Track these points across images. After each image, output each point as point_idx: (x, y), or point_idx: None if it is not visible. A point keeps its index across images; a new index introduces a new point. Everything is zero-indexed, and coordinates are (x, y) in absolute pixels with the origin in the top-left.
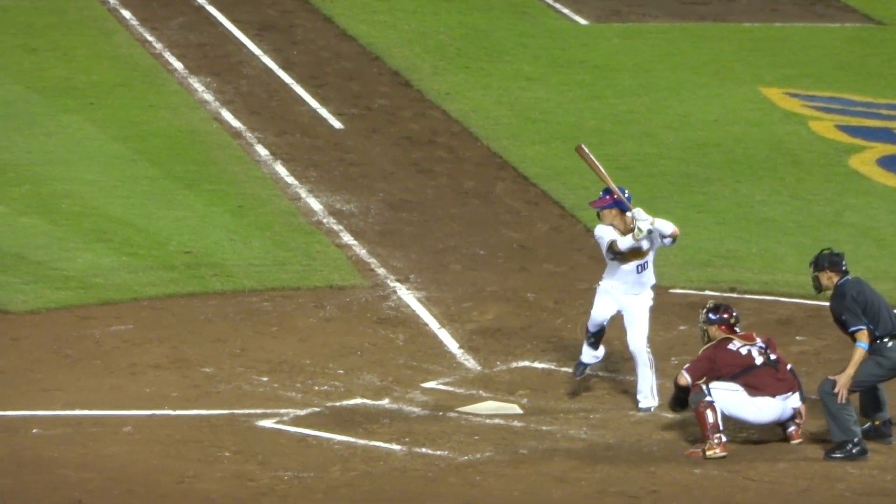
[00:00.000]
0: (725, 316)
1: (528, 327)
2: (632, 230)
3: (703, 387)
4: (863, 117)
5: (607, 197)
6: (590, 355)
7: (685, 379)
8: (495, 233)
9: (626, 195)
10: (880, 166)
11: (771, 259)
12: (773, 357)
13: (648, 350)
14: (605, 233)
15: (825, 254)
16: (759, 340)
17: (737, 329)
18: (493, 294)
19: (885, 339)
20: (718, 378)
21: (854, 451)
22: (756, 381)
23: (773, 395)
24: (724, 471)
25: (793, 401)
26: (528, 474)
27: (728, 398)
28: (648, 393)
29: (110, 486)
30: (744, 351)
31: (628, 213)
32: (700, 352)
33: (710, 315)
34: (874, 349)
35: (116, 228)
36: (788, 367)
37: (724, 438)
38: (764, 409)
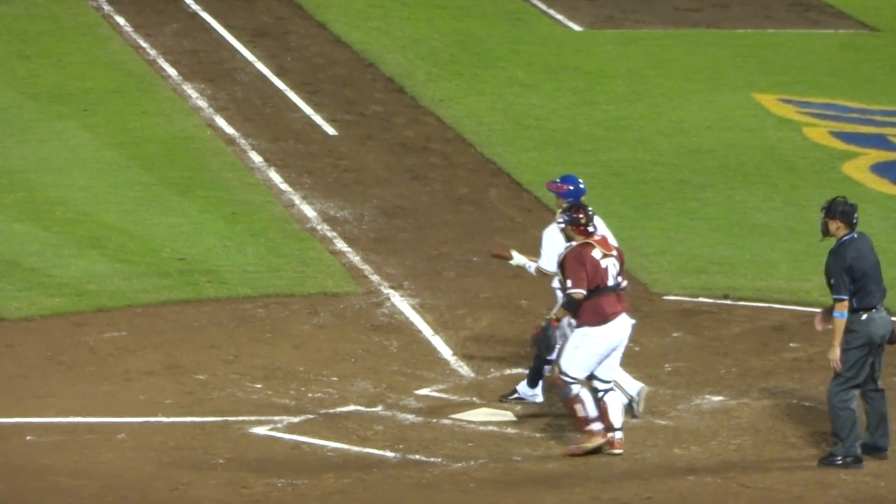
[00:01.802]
0: (577, 216)
1: (522, 334)
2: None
3: (564, 379)
4: (857, 124)
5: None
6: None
7: (581, 294)
8: (489, 239)
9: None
10: (874, 173)
11: (765, 265)
12: (623, 284)
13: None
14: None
15: (839, 201)
16: (614, 251)
17: (591, 229)
18: (486, 301)
19: (860, 312)
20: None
21: (848, 459)
22: (603, 304)
23: (615, 318)
24: (718, 477)
25: (629, 320)
26: (521, 481)
27: (581, 362)
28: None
29: (104, 492)
30: (603, 265)
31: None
32: (565, 259)
33: (564, 216)
34: (852, 319)
35: (110, 235)
36: (624, 283)
37: (599, 426)
38: (612, 336)
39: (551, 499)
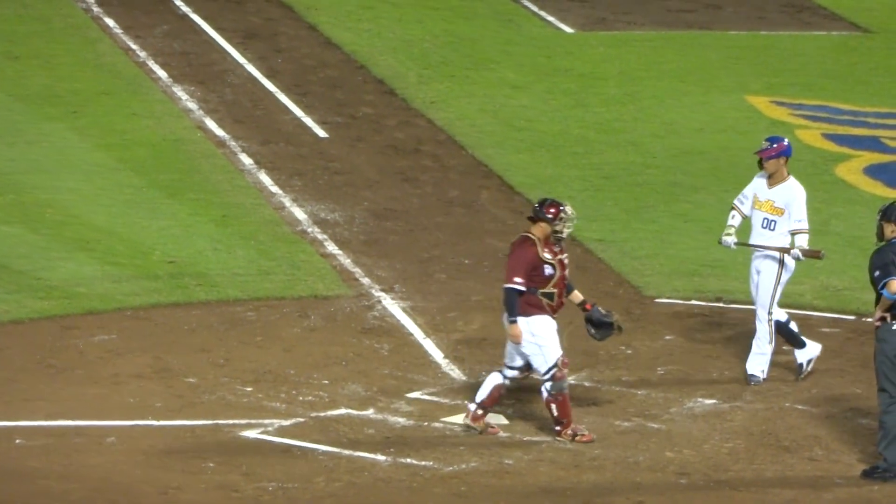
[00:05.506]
0: (554, 216)
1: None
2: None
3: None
4: (849, 126)
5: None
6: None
7: (515, 286)
8: (480, 242)
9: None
10: (867, 175)
11: None
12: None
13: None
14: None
15: (895, 206)
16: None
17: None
18: (478, 303)
19: (893, 322)
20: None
21: (886, 475)
22: (538, 301)
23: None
24: (710, 481)
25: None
26: (513, 484)
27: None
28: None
29: (93, 496)
30: (548, 271)
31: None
32: (512, 250)
33: (543, 209)
34: (882, 328)
35: (99, 237)
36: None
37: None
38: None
39: (543, 503)
